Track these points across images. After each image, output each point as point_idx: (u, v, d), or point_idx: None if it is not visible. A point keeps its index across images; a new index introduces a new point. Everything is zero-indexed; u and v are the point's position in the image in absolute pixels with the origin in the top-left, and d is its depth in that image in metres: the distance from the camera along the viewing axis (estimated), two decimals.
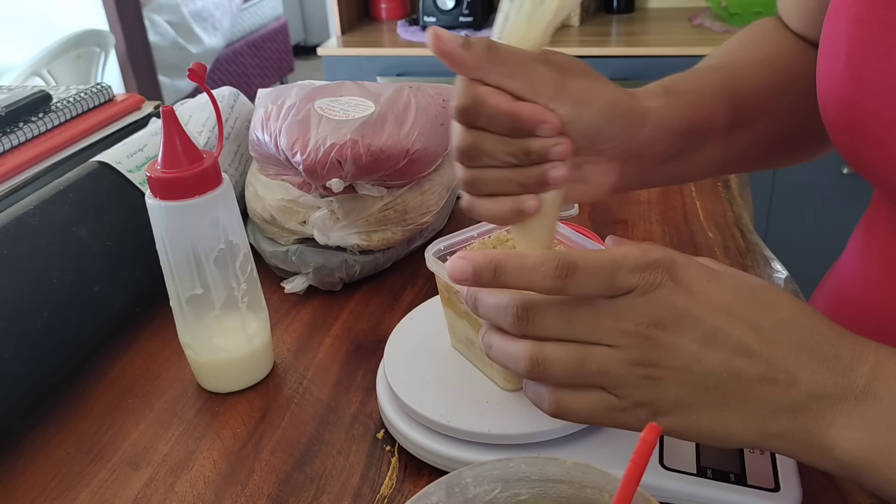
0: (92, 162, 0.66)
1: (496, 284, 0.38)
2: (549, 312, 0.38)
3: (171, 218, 0.52)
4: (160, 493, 0.49)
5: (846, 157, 0.50)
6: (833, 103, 0.49)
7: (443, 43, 0.39)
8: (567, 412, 0.39)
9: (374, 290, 0.70)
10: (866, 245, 0.58)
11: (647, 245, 0.39)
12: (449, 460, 0.47)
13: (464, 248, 0.51)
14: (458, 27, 1.92)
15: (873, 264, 0.56)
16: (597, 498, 0.32)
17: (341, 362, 0.61)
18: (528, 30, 0.40)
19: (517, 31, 0.40)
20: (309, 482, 0.49)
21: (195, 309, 0.55)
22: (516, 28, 0.40)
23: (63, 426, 0.56)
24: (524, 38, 0.40)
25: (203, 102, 0.76)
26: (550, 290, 0.37)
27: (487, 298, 0.39)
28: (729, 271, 0.40)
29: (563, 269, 0.36)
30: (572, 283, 0.36)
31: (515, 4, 0.40)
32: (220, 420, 0.55)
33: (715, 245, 0.74)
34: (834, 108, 0.49)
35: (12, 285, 0.54)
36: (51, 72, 2.40)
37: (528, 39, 0.40)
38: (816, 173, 1.73)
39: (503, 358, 0.40)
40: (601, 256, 0.37)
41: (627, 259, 0.36)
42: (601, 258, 0.36)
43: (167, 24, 3.24)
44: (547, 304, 0.38)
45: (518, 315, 0.38)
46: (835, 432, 0.36)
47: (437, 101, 0.72)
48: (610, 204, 0.84)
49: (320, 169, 0.64)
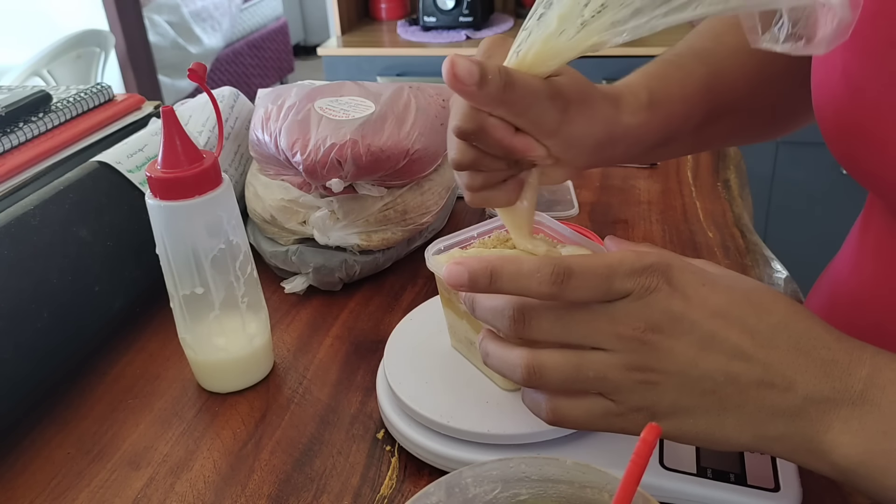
0: (92, 162, 0.66)
1: (493, 290, 0.38)
2: (545, 316, 0.38)
3: (171, 218, 0.52)
4: (160, 493, 0.49)
5: (843, 163, 0.50)
6: (829, 113, 0.49)
7: (459, 80, 0.39)
8: (565, 419, 0.39)
9: (374, 290, 0.70)
10: (861, 246, 0.58)
11: (644, 248, 0.39)
12: (449, 460, 0.47)
13: (464, 247, 0.51)
14: (458, 27, 1.92)
15: (868, 265, 0.56)
16: (597, 498, 0.32)
17: (341, 362, 0.61)
18: (545, 55, 0.40)
19: (533, 54, 0.41)
20: (309, 482, 0.49)
21: (195, 309, 0.55)
22: (533, 49, 0.41)
23: (63, 426, 0.56)
24: (540, 62, 0.41)
25: (203, 102, 0.76)
26: (546, 296, 0.37)
27: (485, 301, 0.40)
28: (725, 274, 0.40)
29: (558, 275, 0.36)
30: (568, 289, 0.36)
31: (540, 24, 0.40)
32: (220, 420, 0.55)
33: (715, 245, 0.74)
34: (830, 118, 0.49)
35: (12, 285, 0.54)
36: (51, 72, 2.40)
37: (544, 64, 0.41)
38: (816, 173, 1.73)
39: (500, 366, 0.40)
40: (596, 262, 0.37)
41: (623, 264, 0.37)
42: (596, 264, 0.37)
43: (167, 24, 3.24)
44: (544, 307, 0.38)
45: (514, 318, 0.38)
46: (832, 437, 0.36)
47: (437, 101, 0.72)
48: (610, 204, 0.84)
49: (320, 169, 0.64)
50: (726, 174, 0.91)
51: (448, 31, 1.92)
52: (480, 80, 0.39)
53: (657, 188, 0.87)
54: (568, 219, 0.80)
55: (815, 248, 1.79)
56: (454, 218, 0.82)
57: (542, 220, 0.53)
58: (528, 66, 0.41)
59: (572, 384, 0.38)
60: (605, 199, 0.85)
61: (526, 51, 0.41)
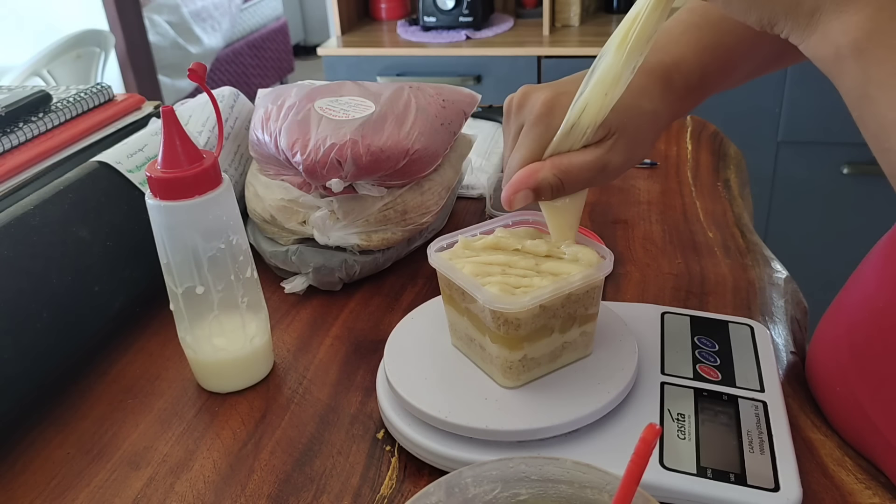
0: (92, 162, 0.66)
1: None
2: None
3: (171, 218, 0.52)
4: (160, 493, 0.49)
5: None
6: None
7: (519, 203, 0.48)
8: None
9: (373, 290, 0.70)
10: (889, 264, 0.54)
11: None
12: (449, 460, 0.47)
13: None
14: (458, 27, 1.92)
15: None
16: (597, 498, 0.32)
17: (341, 362, 0.61)
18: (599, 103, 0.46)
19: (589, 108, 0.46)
20: (309, 482, 0.49)
21: (195, 309, 0.55)
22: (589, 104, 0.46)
23: (63, 426, 0.56)
24: (596, 112, 0.46)
25: (203, 102, 0.76)
26: None
27: None
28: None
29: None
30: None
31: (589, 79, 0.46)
32: (220, 420, 0.55)
33: (715, 245, 0.74)
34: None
35: (12, 285, 0.54)
36: (51, 72, 2.40)
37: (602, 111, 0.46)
38: (816, 173, 1.73)
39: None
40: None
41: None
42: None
43: (167, 24, 3.24)
44: None
45: None
46: (848, 17, 0.36)
47: (437, 101, 0.72)
48: (610, 204, 0.84)
49: (320, 169, 0.64)
50: (726, 174, 0.91)
51: (448, 31, 1.92)
52: (536, 198, 0.47)
53: (657, 188, 0.87)
54: None
55: (815, 248, 1.79)
56: (454, 218, 0.82)
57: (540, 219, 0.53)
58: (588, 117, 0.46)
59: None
60: (605, 199, 0.85)
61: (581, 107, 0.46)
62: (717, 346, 0.54)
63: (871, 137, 0.37)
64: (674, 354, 0.53)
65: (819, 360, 0.57)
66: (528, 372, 0.49)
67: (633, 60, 0.45)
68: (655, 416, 0.48)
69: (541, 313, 0.47)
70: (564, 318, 0.48)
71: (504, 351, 0.47)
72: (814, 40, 0.38)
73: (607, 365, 0.50)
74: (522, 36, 1.89)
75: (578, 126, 0.46)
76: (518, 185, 0.47)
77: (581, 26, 1.92)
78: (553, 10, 1.89)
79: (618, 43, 0.45)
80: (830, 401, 0.54)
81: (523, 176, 0.47)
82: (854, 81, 0.36)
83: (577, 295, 0.48)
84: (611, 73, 0.45)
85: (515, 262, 0.49)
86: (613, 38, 0.45)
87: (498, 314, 0.46)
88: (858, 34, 0.36)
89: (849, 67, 0.36)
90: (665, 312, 0.58)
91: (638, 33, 0.44)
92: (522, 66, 1.79)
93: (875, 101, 0.36)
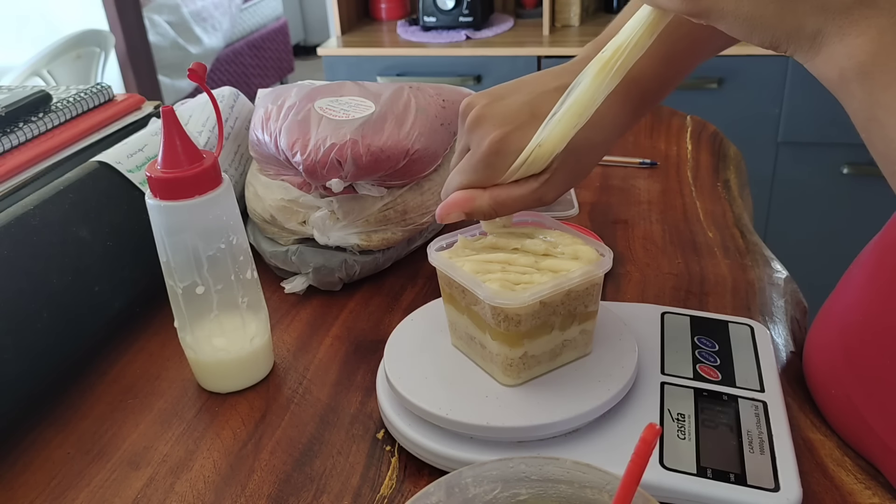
0: (92, 162, 0.66)
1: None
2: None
3: (171, 218, 0.52)
4: (160, 493, 0.49)
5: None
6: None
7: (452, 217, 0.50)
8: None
9: (373, 290, 0.70)
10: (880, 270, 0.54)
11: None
12: (449, 460, 0.47)
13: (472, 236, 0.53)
14: (458, 27, 1.92)
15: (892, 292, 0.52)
16: (597, 498, 0.32)
17: (341, 362, 0.61)
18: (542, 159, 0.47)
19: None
20: (309, 482, 0.49)
21: (195, 309, 0.55)
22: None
23: (63, 426, 0.56)
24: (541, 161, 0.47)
25: (203, 102, 0.76)
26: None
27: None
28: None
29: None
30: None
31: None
32: (220, 420, 0.55)
33: (715, 245, 0.74)
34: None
35: (12, 285, 0.54)
36: (51, 72, 2.40)
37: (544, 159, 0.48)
38: (816, 174, 1.73)
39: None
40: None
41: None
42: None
43: (167, 24, 3.24)
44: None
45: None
46: (851, 39, 0.35)
47: (437, 101, 0.72)
48: (610, 204, 0.84)
49: (320, 169, 0.64)
50: (726, 174, 0.91)
51: (448, 31, 1.92)
52: (468, 217, 0.49)
53: (657, 188, 0.87)
54: (568, 219, 0.80)
55: (815, 248, 1.79)
56: None
57: (540, 219, 0.53)
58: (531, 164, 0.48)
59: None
60: (605, 199, 0.85)
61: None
62: (717, 346, 0.54)
63: (881, 158, 0.37)
64: (674, 354, 0.53)
65: (814, 363, 0.57)
66: (528, 370, 0.49)
67: (608, 90, 0.45)
68: (655, 416, 0.48)
69: (541, 310, 0.47)
70: (564, 315, 0.48)
71: (504, 348, 0.47)
72: (818, 62, 0.37)
73: (607, 363, 0.50)
74: (522, 36, 1.89)
75: (539, 157, 0.47)
76: (453, 207, 0.49)
77: (581, 26, 1.92)
78: (553, 10, 1.89)
79: (595, 72, 0.45)
80: (827, 403, 0.54)
81: (460, 199, 0.49)
82: (861, 104, 0.36)
83: (576, 292, 0.48)
84: (583, 102, 0.45)
85: (515, 259, 0.49)
86: (592, 66, 0.45)
87: (498, 310, 0.46)
88: (863, 57, 0.35)
89: (854, 90, 0.36)
90: (665, 312, 0.58)
91: (620, 66, 0.44)
92: (522, 66, 1.79)
93: (884, 125, 0.35)
